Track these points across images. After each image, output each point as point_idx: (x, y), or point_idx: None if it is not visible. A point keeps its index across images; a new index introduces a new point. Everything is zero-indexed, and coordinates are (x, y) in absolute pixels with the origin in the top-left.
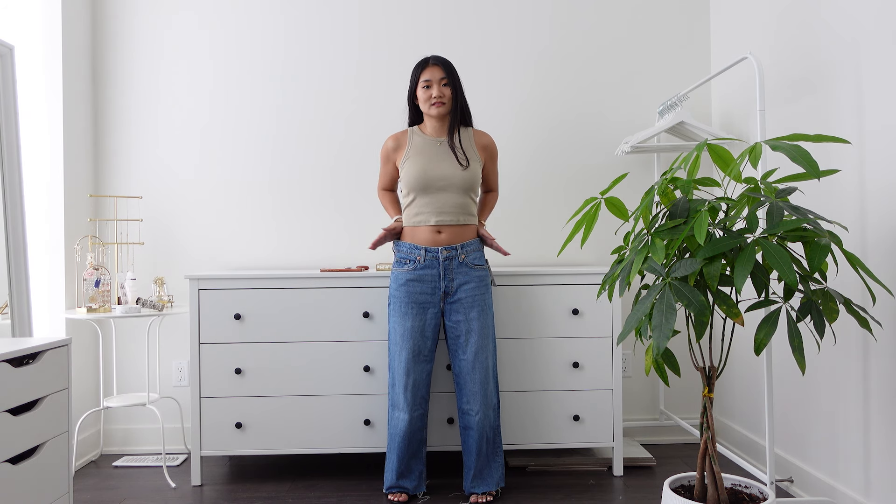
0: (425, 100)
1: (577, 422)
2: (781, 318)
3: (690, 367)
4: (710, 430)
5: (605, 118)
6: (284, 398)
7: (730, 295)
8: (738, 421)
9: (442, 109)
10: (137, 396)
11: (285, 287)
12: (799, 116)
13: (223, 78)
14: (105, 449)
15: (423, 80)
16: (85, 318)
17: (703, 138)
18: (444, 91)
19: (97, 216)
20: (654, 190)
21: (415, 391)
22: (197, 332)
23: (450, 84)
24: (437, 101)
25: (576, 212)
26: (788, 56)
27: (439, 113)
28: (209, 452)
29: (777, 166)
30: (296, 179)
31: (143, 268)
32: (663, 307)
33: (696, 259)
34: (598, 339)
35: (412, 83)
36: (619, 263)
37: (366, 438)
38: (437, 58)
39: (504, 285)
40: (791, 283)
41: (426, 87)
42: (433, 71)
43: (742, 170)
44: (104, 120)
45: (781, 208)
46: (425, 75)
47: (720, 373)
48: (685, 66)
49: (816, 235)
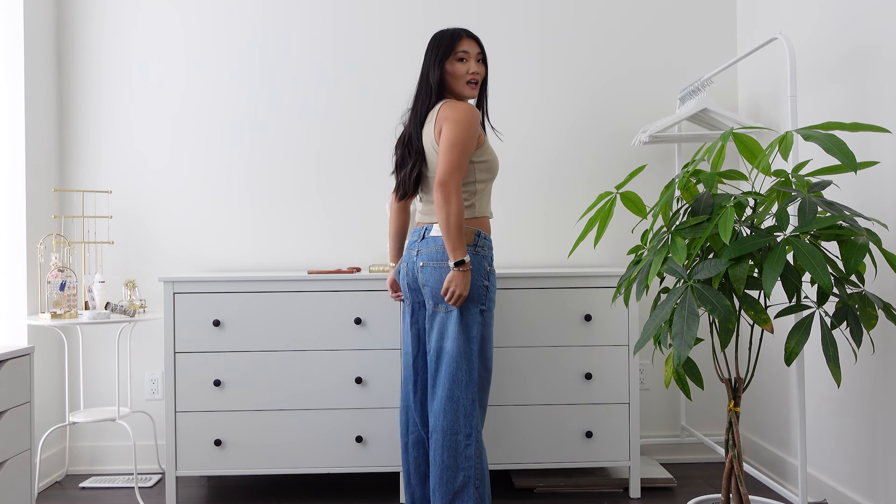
0: (462, 74)
1: (589, 439)
2: (815, 325)
3: (714, 379)
4: (736, 447)
5: (621, 105)
6: (268, 413)
7: (758, 299)
8: (766, 438)
9: (476, 90)
10: (107, 411)
11: (269, 290)
12: (834, 103)
13: (200, 63)
14: (71, 468)
15: (461, 50)
16: (49, 324)
17: (729, 127)
18: (480, 68)
19: (62, 212)
20: (674, 184)
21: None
22: (172, 339)
23: (483, 61)
24: (474, 78)
25: (588, 208)
26: (823, 36)
27: (474, 94)
28: (185, 472)
29: (810, 158)
30: (280, 172)
31: (113, 269)
32: (685, 313)
33: (720, 260)
34: (613, 348)
35: (440, 54)
36: (637, 264)
37: (358, 457)
38: (468, 30)
39: (508, 289)
40: (825, 286)
41: (462, 59)
42: (470, 44)
43: (771, 162)
44: (70, 108)
45: (815, 204)
46: (463, 46)
47: (747, 385)
48: (709, 47)
49: (853, 234)
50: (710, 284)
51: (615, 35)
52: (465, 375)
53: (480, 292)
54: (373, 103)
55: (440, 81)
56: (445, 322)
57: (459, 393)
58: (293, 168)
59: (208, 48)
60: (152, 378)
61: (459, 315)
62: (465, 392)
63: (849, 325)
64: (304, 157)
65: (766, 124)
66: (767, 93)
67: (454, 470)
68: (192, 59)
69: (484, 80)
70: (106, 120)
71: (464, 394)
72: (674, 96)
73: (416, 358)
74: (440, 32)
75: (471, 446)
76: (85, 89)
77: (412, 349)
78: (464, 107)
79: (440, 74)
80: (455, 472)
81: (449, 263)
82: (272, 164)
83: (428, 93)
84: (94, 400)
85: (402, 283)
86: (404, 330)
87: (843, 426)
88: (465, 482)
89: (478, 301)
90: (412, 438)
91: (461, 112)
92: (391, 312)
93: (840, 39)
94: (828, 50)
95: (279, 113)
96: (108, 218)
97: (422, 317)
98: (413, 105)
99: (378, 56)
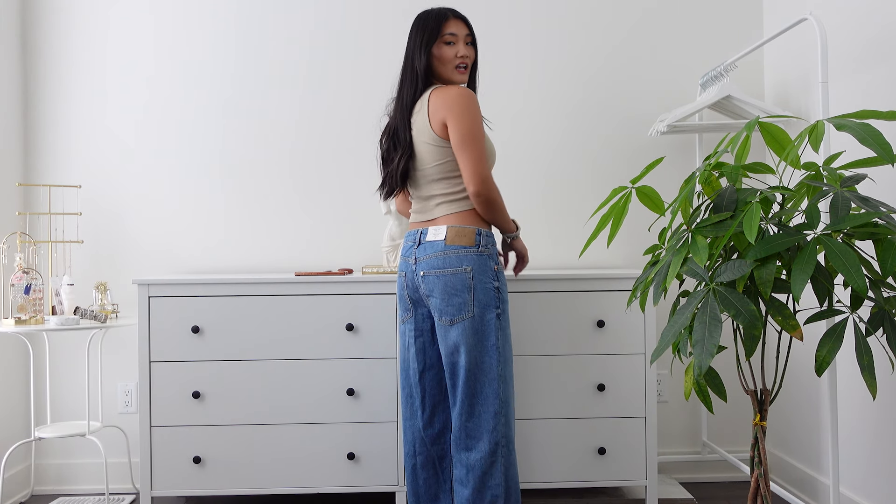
0: (450, 59)
1: (602, 455)
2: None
3: (739, 391)
4: (762, 465)
5: (637, 91)
6: (252, 427)
7: (786, 304)
8: (795, 455)
9: (466, 75)
10: (76, 425)
11: (253, 294)
12: (869, 90)
13: (177, 46)
14: (37, 488)
15: (448, 33)
16: (12, 331)
17: (755, 115)
18: (469, 51)
19: (27, 209)
20: (695, 178)
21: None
22: (147, 348)
23: (472, 43)
24: (463, 62)
25: (601, 204)
26: (857, 16)
27: (464, 79)
28: (162, 492)
29: (843, 149)
30: (264, 165)
31: (83, 271)
32: (706, 318)
33: (745, 261)
34: (628, 357)
35: (426, 37)
36: (654, 266)
37: (350, 476)
38: (455, 10)
39: (513, 291)
40: (860, 289)
41: (450, 42)
42: (458, 25)
43: (800, 153)
44: (36, 95)
45: (848, 199)
46: (451, 28)
47: (774, 397)
48: (733, 28)
49: (890, 232)
50: (733, 287)
51: (628, 13)
52: (486, 388)
53: (492, 295)
54: (365, 90)
55: (427, 67)
56: (459, 334)
57: (481, 408)
58: (278, 161)
59: (193, 32)
60: (125, 390)
61: (474, 324)
62: (487, 406)
63: (885, 331)
64: (290, 148)
65: (795, 112)
66: (796, 78)
67: (482, 491)
68: (172, 45)
69: (474, 63)
70: (75, 108)
71: (486, 408)
72: (695, 82)
73: (422, 374)
74: (425, 13)
75: (496, 464)
76: (51, 75)
77: (418, 364)
78: (460, 92)
79: (427, 60)
80: (482, 493)
81: (510, 237)
82: (255, 155)
83: (414, 79)
84: (61, 413)
85: (401, 294)
86: (404, 344)
87: (878, 442)
88: (494, 500)
89: (492, 306)
90: (420, 460)
91: (461, 99)
92: (386, 318)
93: (876, 20)
94: (862, 31)
95: (261, 100)
96: (77, 215)
97: (427, 328)
98: (398, 93)
99: (370, 36)
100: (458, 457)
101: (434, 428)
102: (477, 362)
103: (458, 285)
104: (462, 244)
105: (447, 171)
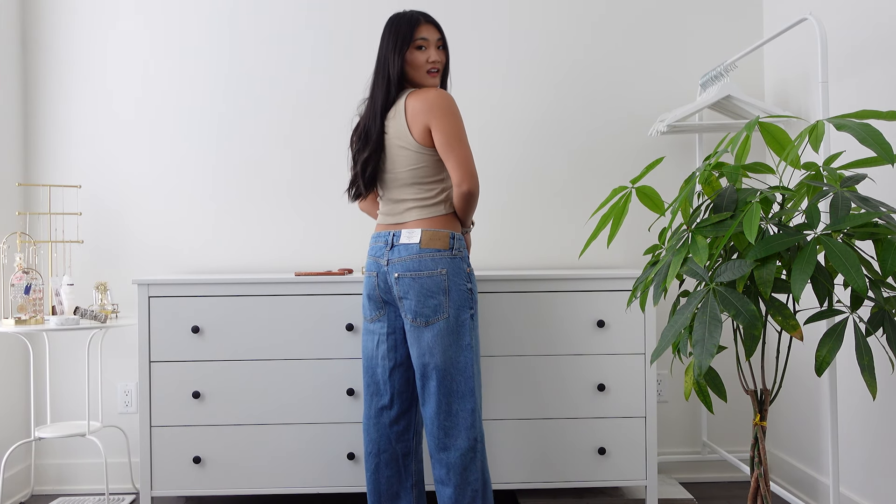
0: (421, 64)
1: (602, 455)
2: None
3: (739, 391)
4: (762, 465)
5: (637, 91)
6: (252, 427)
7: (786, 304)
8: (795, 455)
9: (437, 79)
10: (76, 425)
11: (253, 294)
12: (869, 90)
13: (179, 48)
14: (37, 488)
15: (420, 38)
16: (12, 331)
17: (755, 115)
18: (440, 56)
19: (27, 209)
20: (695, 178)
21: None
22: (147, 347)
23: (444, 48)
24: (434, 67)
25: (601, 204)
26: (857, 16)
27: (436, 83)
28: (162, 492)
29: (843, 149)
30: (265, 165)
31: (83, 271)
32: (706, 318)
33: (745, 261)
34: (628, 357)
35: (399, 43)
36: (654, 266)
37: (350, 476)
38: (426, 14)
39: (514, 292)
40: (860, 289)
41: (422, 48)
42: (429, 30)
43: (801, 153)
44: (36, 95)
45: (848, 199)
46: (422, 33)
47: (774, 397)
48: (733, 28)
49: (890, 232)
50: (733, 287)
51: (628, 13)
52: (462, 386)
53: (466, 297)
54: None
55: (400, 71)
56: (434, 335)
57: (458, 406)
58: (278, 160)
59: (191, 34)
60: (125, 390)
61: (449, 325)
62: (464, 404)
63: (885, 331)
64: (290, 147)
65: (795, 112)
66: (796, 78)
67: (464, 487)
68: (173, 48)
69: (445, 67)
70: (75, 109)
71: (462, 406)
72: (695, 82)
73: (392, 371)
74: (397, 17)
75: (475, 459)
76: (51, 76)
77: (388, 361)
78: (439, 94)
79: (400, 65)
80: (464, 490)
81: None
82: (255, 155)
83: (387, 83)
84: (61, 414)
85: (371, 293)
86: (371, 342)
87: (878, 442)
88: (473, 496)
89: (466, 307)
90: (385, 458)
91: (441, 101)
92: None
93: (876, 20)
94: (862, 31)
95: (260, 100)
96: (77, 215)
97: (399, 326)
98: (371, 94)
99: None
100: (438, 456)
101: (400, 425)
102: (453, 362)
103: (433, 288)
104: (437, 247)
105: (420, 176)
